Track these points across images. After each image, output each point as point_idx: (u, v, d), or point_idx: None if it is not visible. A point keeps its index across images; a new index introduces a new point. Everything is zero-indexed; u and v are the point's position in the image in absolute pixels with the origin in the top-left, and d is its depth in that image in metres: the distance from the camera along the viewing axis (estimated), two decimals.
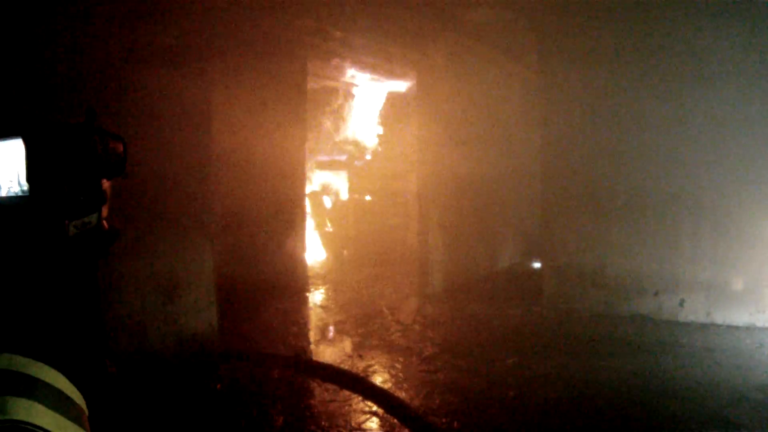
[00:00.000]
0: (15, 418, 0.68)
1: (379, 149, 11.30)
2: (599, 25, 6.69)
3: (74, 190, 0.92)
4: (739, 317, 6.18)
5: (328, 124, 11.08)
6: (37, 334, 0.85)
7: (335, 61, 8.56)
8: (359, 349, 5.76)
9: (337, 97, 10.81)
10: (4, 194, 0.87)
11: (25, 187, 0.87)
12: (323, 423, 4.09)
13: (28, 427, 0.67)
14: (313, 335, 6.49)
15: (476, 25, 7.52)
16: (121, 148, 1.04)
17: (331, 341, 6.27)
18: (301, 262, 8.19)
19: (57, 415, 0.72)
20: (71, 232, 0.91)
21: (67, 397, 0.76)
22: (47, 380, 0.75)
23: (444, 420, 4.11)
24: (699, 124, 6.28)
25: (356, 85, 10.33)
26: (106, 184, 1.02)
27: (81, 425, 0.75)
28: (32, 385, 0.73)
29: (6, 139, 0.88)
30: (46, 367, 0.76)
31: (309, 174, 9.81)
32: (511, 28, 7.59)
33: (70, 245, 0.92)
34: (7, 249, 0.87)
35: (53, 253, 0.90)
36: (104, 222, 1.08)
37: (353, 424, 4.08)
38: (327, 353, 5.81)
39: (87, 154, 0.94)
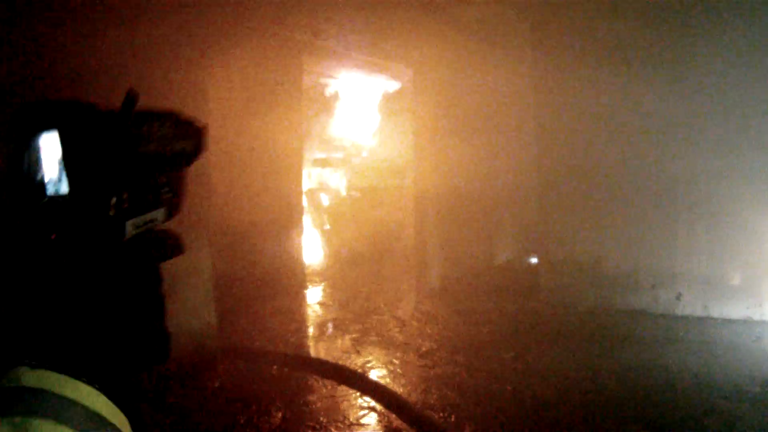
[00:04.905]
0: None
1: (376, 146, 11.30)
2: (593, 20, 6.69)
3: (125, 185, 0.79)
4: (736, 310, 6.20)
5: (324, 121, 11.08)
6: (80, 348, 0.75)
7: (330, 58, 8.55)
8: (357, 345, 5.77)
9: (333, 93, 10.80)
10: (50, 193, 0.75)
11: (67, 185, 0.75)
12: (322, 419, 4.10)
13: None
14: (311, 332, 6.50)
15: (471, 21, 7.52)
16: (191, 132, 0.92)
17: (330, 338, 6.27)
18: (299, 260, 8.20)
19: None
20: (129, 233, 0.80)
21: (105, 421, 0.69)
22: (82, 401, 0.68)
23: (442, 414, 4.12)
24: (696, 118, 6.28)
25: (352, 82, 10.32)
26: (176, 174, 0.90)
27: None
28: (63, 406, 0.66)
29: (42, 133, 0.75)
30: (85, 386, 0.69)
31: (306, 171, 9.80)
32: (506, 24, 7.59)
33: (129, 247, 0.81)
34: (53, 252, 0.76)
35: (107, 257, 0.79)
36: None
37: (351, 420, 4.10)
38: (325, 349, 5.82)
39: (128, 144, 0.81)
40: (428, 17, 7.25)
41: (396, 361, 5.30)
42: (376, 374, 5.02)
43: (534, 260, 8.16)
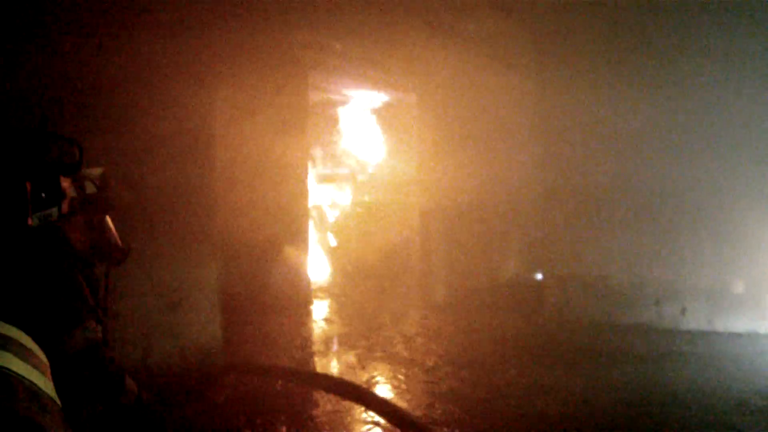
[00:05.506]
0: None
1: (381, 162, 11.34)
2: (597, 35, 6.75)
3: (35, 188, 1.10)
4: (741, 324, 6.19)
5: (329, 137, 11.14)
6: (7, 303, 1.07)
7: (336, 74, 8.63)
8: (362, 361, 5.78)
9: (338, 109, 10.87)
10: None
11: None
12: None
13: (5, 371, 0.86)
14: (316, 347, 6.51)
15: (476, 36, 7.59)
16: (75, 150, 1.23)
17: (335, 353, 6.29)
18: (305, 276, 8.22)
19: (25, 364, 0.90)
20: (34, 223, 1.11)
21: (32, 351, 0.96)
22: (14, 337, 0.95)
23: (446, 430, 4.12)
24: (699, 131, 6.31)
25: (357, 98, 10.39)
26: (65, 182, 1.21)
27: (43, 373, 0.94)
28: (5, 340, 0.93)
29: None
30: (13, 328, 0.97)
31: (311, 187, 9.85)
32: (510, 39, 7.66)
33: (34, 234, 1.13)
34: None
35: (19, 241, 1.10)
36: (118, 240, 1.42)
37: None
38: (330, 365, 5.83)
39: (42, 156, 1.10)
40: (433, 33, 7.34)
41: (401, 377, 5.31)
42: (380, 389, 5.03)
43: (539, 276, 8.16)
